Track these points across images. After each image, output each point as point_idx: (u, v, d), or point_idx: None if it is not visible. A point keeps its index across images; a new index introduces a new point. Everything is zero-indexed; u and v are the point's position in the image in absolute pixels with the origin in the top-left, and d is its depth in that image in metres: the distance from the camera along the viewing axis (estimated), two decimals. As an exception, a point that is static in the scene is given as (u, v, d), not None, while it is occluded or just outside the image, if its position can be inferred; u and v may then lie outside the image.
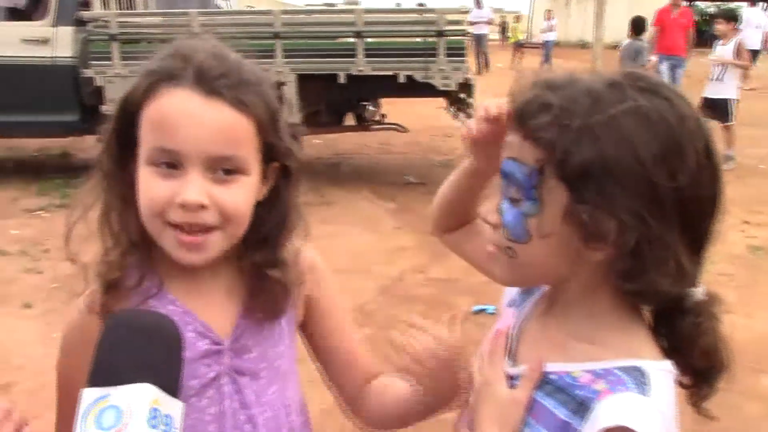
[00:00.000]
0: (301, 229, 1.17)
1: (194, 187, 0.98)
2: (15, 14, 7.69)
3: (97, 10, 7.45)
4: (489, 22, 20.71)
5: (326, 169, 7.97)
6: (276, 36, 6.99)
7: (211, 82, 0.99)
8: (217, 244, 1.03)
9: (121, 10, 7.93)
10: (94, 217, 1.07)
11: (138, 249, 1.07)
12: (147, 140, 1.01)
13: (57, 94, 7.15)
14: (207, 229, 1.01)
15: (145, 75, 1.02)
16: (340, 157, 8.89)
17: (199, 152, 0.98)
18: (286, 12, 7.59)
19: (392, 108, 8.65)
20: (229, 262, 1.11)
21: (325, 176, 7.34)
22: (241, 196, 1.02)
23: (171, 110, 0.98)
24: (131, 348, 0.86)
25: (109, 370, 0.84)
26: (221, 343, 1.09)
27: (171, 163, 0.99)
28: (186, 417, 0.98)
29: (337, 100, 7.67)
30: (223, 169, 1.00)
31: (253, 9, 13.14)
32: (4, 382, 3.45)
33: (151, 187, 1.00)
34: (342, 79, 6.97)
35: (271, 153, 1.06)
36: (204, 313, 1.09)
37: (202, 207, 0.99)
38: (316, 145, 9.01)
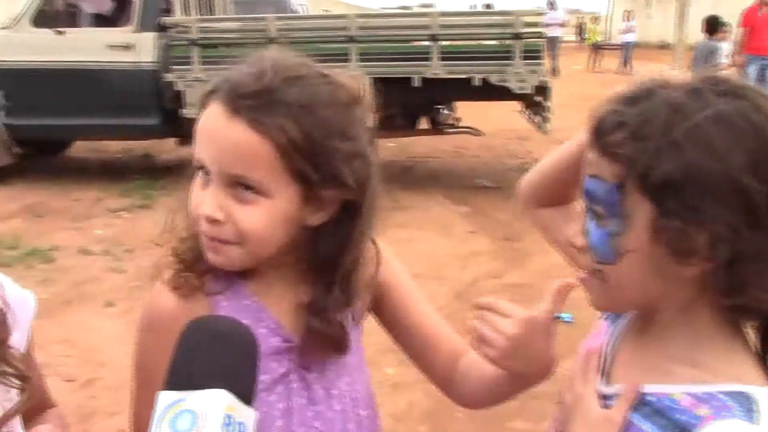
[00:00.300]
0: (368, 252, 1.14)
1: (210, 201, 1.00)
2: (102, 21, 7.97)
3: (178, 16, 7.64)
4: (562, 24, 20.24)
5: (400, 172, 7.96)
6: (351, 40, 7.04)
7: (236, 100, 0.98)
8: (236, 257, 1.03)
9: (201, 15, 8.12)
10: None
11: None
12: (195, 149, 1.04)
13: (139, 98, 7.36)
14: (225, 242, 1.02)
15: (209, 86, 1.04)
16: (413, 160, 8.88)
17: (217, 168, 1.00)
18: (361, 16, 7.62)
19: (466, 111, 8.59)
20: (296, 272, 1.10)
21: (399, 180, 7.33)
22: (258, 216, 1.00)
23: (203, 123, 1.01)
24: (209, 353, 0.86)
25: (185, 374, 0.84)
26: (291, 340, 1.10)
27: (207, 172, 1.01)
28: (256, 410, 1.01)
29: (412, 103, 7.67)
30: (242, 187, 0.99)
31: (329, 13, 13.27)
32: (86, 379, 3.56)
33: (194, 193, 1.03)
34: (416, 83, 6.97)
35: (309, 179, 1.00)
36: (275, 309, 1.10)
37: (217, 221, 1.00)
38: (390, 148, 9.03)
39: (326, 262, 1.06)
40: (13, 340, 1.08)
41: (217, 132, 0.99)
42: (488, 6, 15.03)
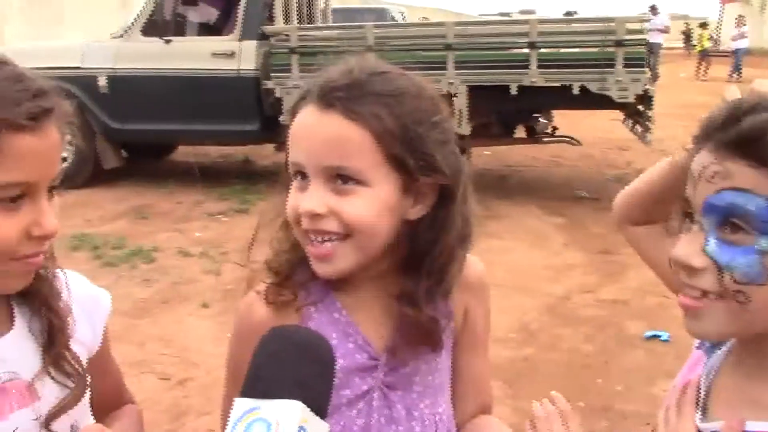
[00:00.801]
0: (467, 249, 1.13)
1: (311, 197, 1.01)
2: (207, 30, 8.24)
3: (279, 24, 7.81)
4: (664, 30, 19.28)
5: (494, 181, 7.87)
6: (448, 47, 7.01)
7: (328, 95, 1.01)
8: (346, 255, 1.03)
9: (301, 24, 8.27)
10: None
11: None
12: (290, 155, 1.06)
13: (240, 105, 7.57)
14: (331, 238, 1.02)
15: (297, 96, 1.07)
16: (509, 169, 8.77)
17: (315, 163, 1.01)
18: (459, 23, 7.58)
19: (564, 120, 8.42)
20: (389, 278, 1.10)
21: (493, 189, 7.25)
22: (361, 205, 1.01)
23: (296, 126, 1.03)
24: (286, 363, 0.86)
25: (262, 382, 0.84)
26: (378, 358, 1.10)
27: (304, 175, 1.03)
28: (335, 423, 1.03)
29: (508, 111, 7.57)
30: (341, 179, 1.01)
31: (426, 21, 13.29)
32: (180, 378, 3.67)
33: (291, 199, 1.04)
34: (514, 91, 6.88)
35: (407, 166, 1.02)
36: (364, 326, 1.10)
37: (319, 215, 1.00)
38: (485, 156, 8.94)
39: (420, 254, 1.07)
40: (84, 338, 1.11)
41: (313, 128, 1.01)
42: (569, 13, 14.58)
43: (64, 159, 7.80)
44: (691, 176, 0.89)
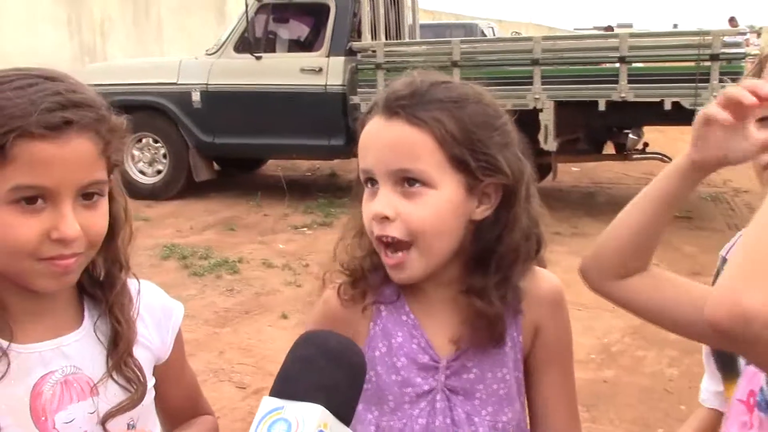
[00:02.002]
0: (540, 258, 1.18)
1: (379, 201, 1.08)
2: (296, 46, 8.42)
3: (366, 40, 7.91)
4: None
5: (582, 198, 7.70)
6: (534, 62, 6.93)
7: (392, 104, 1.08)
8: (415, 261, 1.09)
9: (388, 40, 8.35)
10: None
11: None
12: (360, 164, 1.13)
13: (327, 120, 7.69)
14: (402, 246, 1.08)
15: (364, 111, 1.14)
16: (597, 186, 8.56)
17: (383, 168, 1.08)
18: (546, 38, 7.49)
19: (656, 136, 8.16)
20: (457, 281, 1.15)
21: (580, 206, 7.09)
22: (428, 209, 1.07)
23: (364, 136, 1.11)
24: (314, 367, 0.89)
25: (289, 384, 0.88)
26: (439, 361, 1.14)
27: (373, 182, 1.10)
28: (396, 420, 1.13)
29: (597, 127, 7.41)
30: (408, 182, 1.07)
31: (514, 36, 13.18)
32: (257, 387, 3.73)
33: (364, 206, 1.12)
34: (602, 106, 6.73)
35: (469, 167, 1.07)
36: (430, 329, 1.16)
37: (387, 219, 1.07)
38: (574, 173, 8.77)
39: (485, 252, 1.12)
40: (152, 344, 1.18)
41: (379, 135, 1.09)
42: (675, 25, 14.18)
43: (159, 172, 8.14)
44: None
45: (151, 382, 1.16)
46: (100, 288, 1.12)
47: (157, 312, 1.20)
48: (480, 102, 1.11)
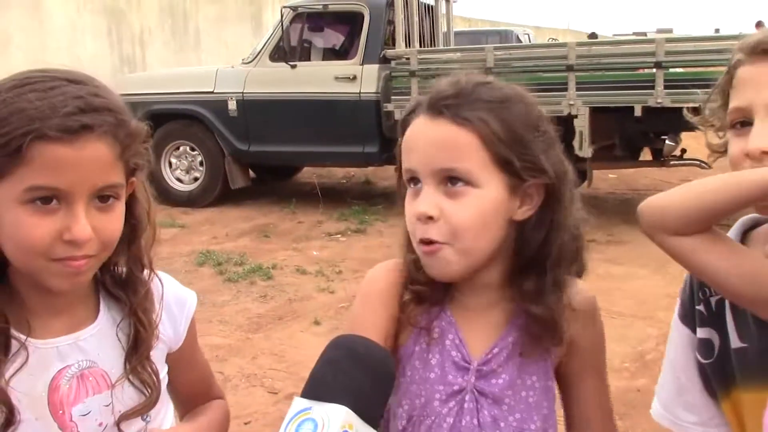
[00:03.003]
0: (580, 262, 1.18)
1: (423, 201, 1.09)
2: (331, 54, 8.48)
3: (401, 48, 7.93)
4: None
5: (617, 205, 7.62)
6: (569, 68, 6.88)
7: (437, 104, 1.09)
8: (452, 257, 1.09)
9: (423, 47, 8.36)
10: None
11: None
12: (403, 163, 1.14)
13: (361, 127, 7.72)
14: (435, 243, 1.09)
15: (407, 110, 1.15)
16: (634, 193, 8.46)
17: (426, 167, 1.09)
18: (580, 44, 7.42)
19: (694, 142, 8.04)
20: (499, 285, 1.16)
21: (616, 213, 7.01)
22: (471, 208, 1.08)
23: (408, 135, 1.12)
24: (341, 370, 0.92)
25: (318, 385, 0.91)
26: (469, 362, 1.15)
27: (416, 181, 1.11)
28: (426, 417, 1.15)
29: (633, 133, 7.32)
30: (451, 180, 1.08)
31: (548, 42, 13.10)
32: (288, 393, 3.74)
33: (407, 206, 1.13)
34: (638, 112, 6.65)
35: (513, 168, 1.08)
36: (466, 328, 1.17)
37: (431, 218, 1.07)
38: (610, 179, 8.68)
39: (531, 255, 1.12)
40: (166, 336, 1.21)
41: (424, 135, 1.10)
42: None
43: (196, 179, 8.25)
44: None
45: (163, 370, 1.20)
46: (122, 289, 1.15)
47: (171, 304, 1.23)
48: (523, 103, 1.13)
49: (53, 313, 1.10)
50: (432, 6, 8.91)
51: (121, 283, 1.15)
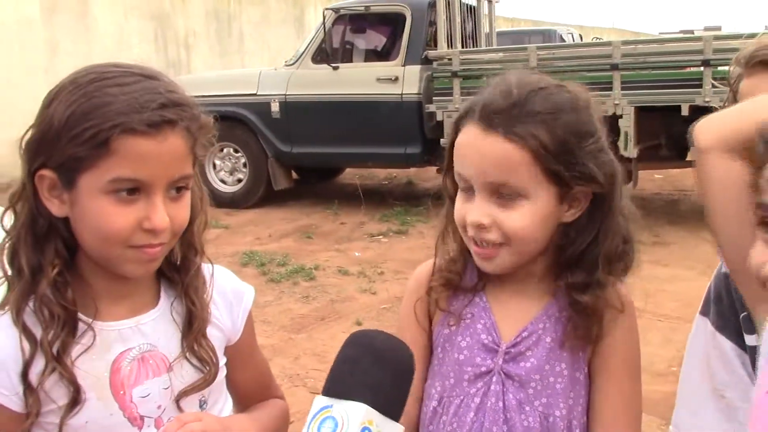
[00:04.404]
0: (626, 262, 1.19)
1: (476, 210, 1.13)
2: (373, 56, 8.50)
3: (443, 49, 7.91)
4: None
5: (663, 206, 7.49)
6: (614, 67, 6.78)
7: (489, 117, 1.11)
8: (505, 258, 1.15)
9: (465, 48, 8.32)
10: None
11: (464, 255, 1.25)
12: (456, 167, 1.18)
13: (403, 128, 7.72)
14: (493, 244, 1.14)
15: (460, 111, 1.18)
16: (680, 193, 8.31)
17: (480, 179, 1.13)
18: (625, 42, 7.31)
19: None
20: (543, 277, 1.21)
21: (662, 214, 6.90)
22: (521, 217, 1.12)
23: (462, 142, 1.15)
24: (360, 367, 0.93)
25: (337, 383, 0.93)
26: (498, 344, 1.19)
27: (469, 187, 1.15)
28: (455, 397, 1.19)
29: (680, 133, 7.18)
30: (503, 193, 1.12)
31: (593, 41, 12.93)
32: (330, 393, 3.76)
33: (458, 205, 1.18)
34: (685, 111, 6.53)
35: (563, 178, 1.11)
36: (499, 313, 1.21)
37: (482, 226, 1.13)
38: (656, 180, 8.54)
39: (581, 253, 1.16)
40: (224, 325, 1.24)
41: (477, 148, 1.12)
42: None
43: (239, 180, 8.33)
44: None
45: (222, 361, 1.23)
46: (176, 271, 1.19)
47: (228, 295, 1.26)
48: (576, 109, 1.14)
49: (117, 297, 1.14)
50: (474, 6, 8.88)
51: (176, 267, 1.19)
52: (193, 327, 1.17)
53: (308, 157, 8.28)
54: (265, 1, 13.95)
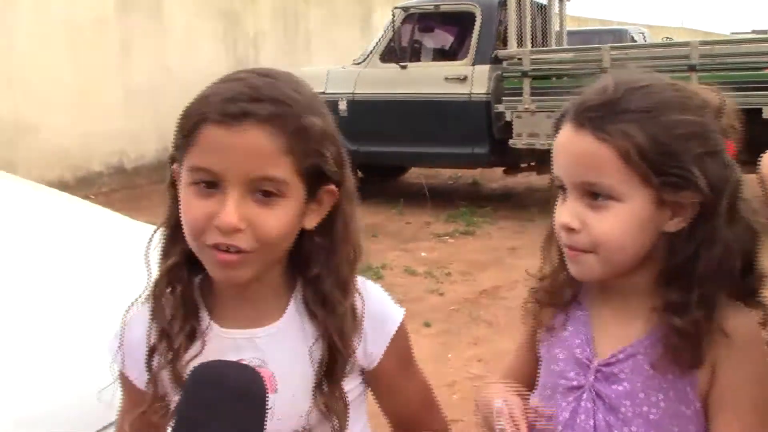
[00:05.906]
0: (747, 283, 1.10)
1: (566, 211, 1.09)
2: (441, 55, 8.46)
3: (513, 48, 7.82)
4: None
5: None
6: (691, 68, 6.59)
7: (581, 115, 1.07)
8: (592, 265, 1.09)
9: (535, 47, 8.21)
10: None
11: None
12: (553, 169, 1.15)
13: (471, 128, 7.66)
14: (580, 250, 1.09)
15: (560, 111, 1.14)
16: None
17: (570, 179, 1.09)
18: (704, 42, 7.11)
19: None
20: (643, 292, 1.12)
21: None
22: (613, 222, 1.06)
23: (556, 143, 1.12)
24: (220, 412, 0.87)
25: (186, 424, 0.88)
26: (591, 360, 1.14)
27: (563, 189, 1.11)
28: (547, 407, 1.14)
29: (760, 136, 6.94)
30: (594, 194, 1.07)
31: (668, 41, 12.62)
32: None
33: (556, 210, 1.13)
34: (766, 114, 6.31)
35: (659, 181, 1.05)
36: (599, 327, 1.16)
37: (572, 230, 1.08)
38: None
39: (682, 268, 1.07)
40: (369, 351, 1.15)
41: (567, 147, 1.09)
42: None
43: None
44: None
45: (348, 385, 1.13)
46: (322, 306, 1.09)
47: (373, 321, 1.14)
48: (683, 108, 1.07)
49: (237, 303, 1.10)
50: (545, 5, 8.75)
51: (321, 300, 1.09)
52: (331, 377, 1.07)
53: (374, 156, 8.26)
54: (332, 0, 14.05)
